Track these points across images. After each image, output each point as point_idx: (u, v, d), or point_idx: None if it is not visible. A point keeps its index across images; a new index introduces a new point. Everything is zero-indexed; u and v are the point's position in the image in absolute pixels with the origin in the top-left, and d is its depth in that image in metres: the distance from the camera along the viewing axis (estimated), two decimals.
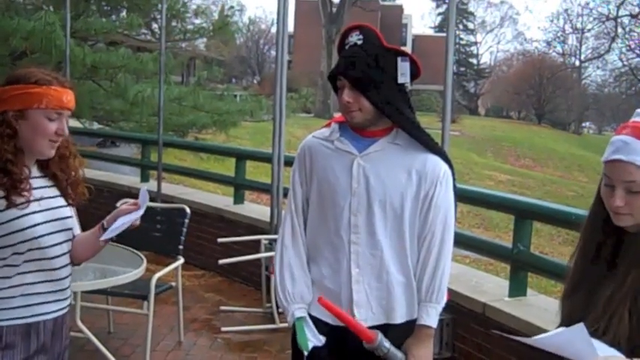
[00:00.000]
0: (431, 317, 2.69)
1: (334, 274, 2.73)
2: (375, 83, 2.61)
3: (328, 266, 2.75)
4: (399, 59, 2.65)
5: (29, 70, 2.46)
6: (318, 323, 2.74)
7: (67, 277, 2.60)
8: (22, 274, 2.44)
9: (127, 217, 2.60)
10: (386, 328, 2.69)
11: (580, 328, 1.66)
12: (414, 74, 2.68)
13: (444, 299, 2.73)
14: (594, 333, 1.75)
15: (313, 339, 2.69)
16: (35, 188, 2.47)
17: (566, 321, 1.82)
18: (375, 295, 2.71)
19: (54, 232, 2.51)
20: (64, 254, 2.57)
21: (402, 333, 2.71)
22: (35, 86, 2.40)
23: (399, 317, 2.73)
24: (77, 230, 2.72)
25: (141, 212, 2.61)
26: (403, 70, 2.65)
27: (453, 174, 2.75)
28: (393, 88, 2.65)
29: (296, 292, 2.75)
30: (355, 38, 2.67)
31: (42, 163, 2.55)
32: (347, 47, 2.69)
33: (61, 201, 2.58)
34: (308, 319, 2.73)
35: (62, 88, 2.46)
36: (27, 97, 2.40)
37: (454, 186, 2.75)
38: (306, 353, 2.67)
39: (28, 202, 2.42)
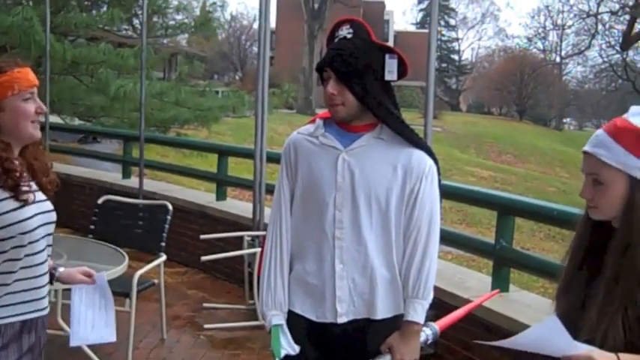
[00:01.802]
0: (418, 313, 2.69)
1: (318, 269, 2.72)
2: (361, 77, 2.61)
3: (312, 262, 2.74)
4: (386, 56, 2.65)
5: None
6: (300, 320, 2.76)
7: (47, 272, 2.56)
8: (24, 268, 2.42)
9: (89, 318, 2.55)
10: (367, 323, 2.72)
11: (553, 320, 1.69)
12: (402, 72, 2.67)
13: (431, 295, 2.73)
14: (591, 342, 1.76)
15: (287, 347, 2.71)
16: None
17: (561, 319, 1.83)
18: (358, 290, 2.70)
19: (41, 225, 2.47)
20: (47, 247, 2.54)
21: (382, 329, 2.72)
22: (1, 75, 2.40)
23: (380, 313, 2.72)
24: None
25: (111, 338, 2.58)
26: (390, 67, 2.64)
27: (438, 169, 2.75)
28: (378, 84, 2.64)
29: (275, 299, 2.75)
30: (345, 32, 2.66)
31: (20, 154, 2.51)
32: (336, 40, 2.68)
33: (42, 195, 2.53)
34: (285, 327, 2.74)
35: (22, 67, 2.46)
36: None
37: (439, 181, 2.75)
38: None
39: (31, 192, 2.43)
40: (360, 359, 2.72)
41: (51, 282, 2.59)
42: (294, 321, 2.76)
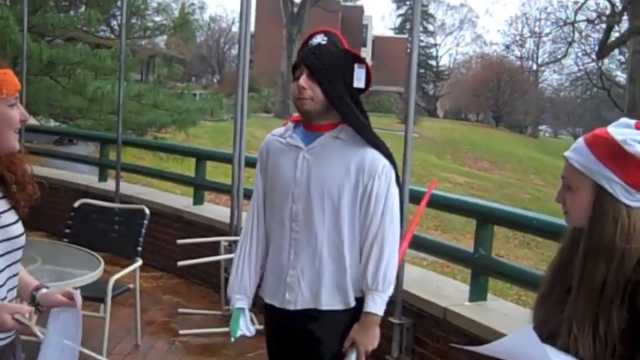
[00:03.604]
0: (377, 305, 2.86)
1: (277, 258, 2.96)
2: (331, 78, 2.79)
3: (274, 252, 2.98)
4: (356, 65, 2.84)
5: None
6: (268, 306, 3.03)
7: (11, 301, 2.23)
8: None
9: (66, 324, 2.26)
10: (316, 313, 2.91)
11: (528, 331, 1.69)
12: (367, 82, 2.87)
13: (391, 288, 2.90)
14: (566, 352, 1.77)
15: (244, 329, 2.97)
16: None
17: (537, 331, 1.83)
18: (306, 280, 2.90)
19: (2, 255, 2.17)
20: (10, 278, 2.22)
21: (331, 320, 2.91)
22: None
23: (327, 304, 2.90)
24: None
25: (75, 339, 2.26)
26: (359, 75, 2.84)
27: (396, 169, 2.91)
28: (345, 88, 2.82)
29: (241, 284, 3.00)
30: (319, 39, 2.86)
31: None
32: (310, 46, 2.87)
33: (12, 216, 2.23)
34: (246, 311, 2.99)
35: (6, 69, 2.17)
36: None
37: (397, 180, 2.92)
38: (232, 340, 3.01)
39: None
40: (312, 346, 2.94)
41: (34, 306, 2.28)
42: (265, 307, 3.05)
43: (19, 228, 2.24)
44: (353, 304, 2.90)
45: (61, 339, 2.25)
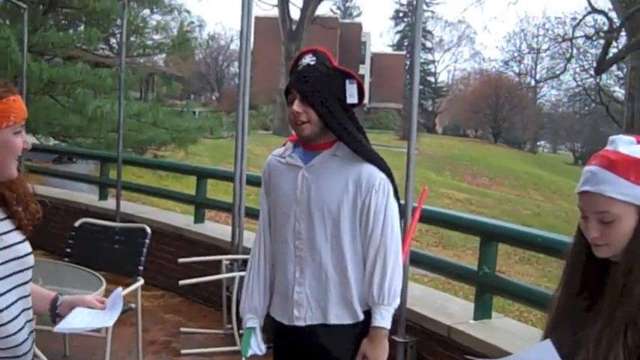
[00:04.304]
0: (384, 319, 2.90)
1: (283, 277, 3.00)
2: (323, 99, 2.82)
3: (281, 270, 3.02)
4: (347, 81, 2.87)
5: None
6: (276, 324, 3.06)
7: (21, 329, 2.15)
8: None
9: (88, 315, 2.25)
10: (324, 328, 2.95)
11: (547, 345, 1.66)
12: (360, 96, 2.90)
13: (397, 301, 2.94)
14: None
15: (255, 348, 3.02)
16: None
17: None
18: (314, 296, 2.94)
19: (10, 275, 2.11)
20: (20, 299, 2.16)
21: (340, 334, 2.94)
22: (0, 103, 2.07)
23: (335, 318, 2.94)
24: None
25: (109, 323, 2.28)
26: (351, 91, 2.87)
27: (393, 182, 2.92)
28: (338, 105, 2.86)
29: (251, 304, 3.06)
30: (308, 59, 2.89)
31: None
32: (300, 67, 2.90)
33: (18, 236, 2.18)
34: (258, 330, 3.05)
35: (16, 95, 2.12)
36: None
37: (396, 193, 2.94)
38: (243, 359, 3.10)
39: None
40: None
41: (54, 320, 2.28)
42: (273, 325, 3.08)
43: (26, 247, 2.18)
44: (361, 317, 2.94)
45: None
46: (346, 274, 2.91)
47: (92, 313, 2.29)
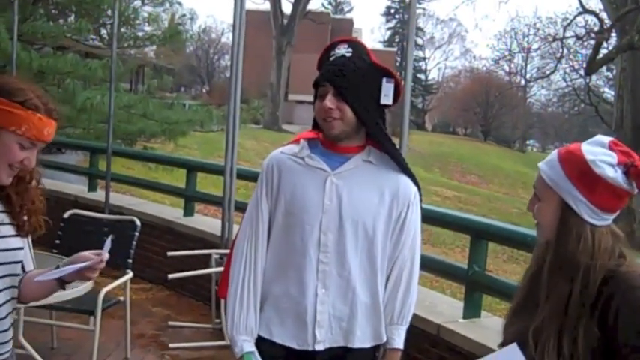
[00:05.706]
0: (402, 339, 2.69)
1: (299, 294, 2.61)
2: (361, 96, 2.54)
3: (294, 286, 2.62)
4: (384, 79, 2.59)
5: (20, 87, 2.13)
6: (279, 349, 2.65)
7: (6, 316, 2.23)
8: None
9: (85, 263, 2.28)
10: (344, 352, 2.65)
11: (513, 348, 1.73)
12: (396, 97, 2.61)
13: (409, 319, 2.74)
14: None
15: None
16: None
17: (508, 343, 1.87)
18: (337, 316, 2.62)
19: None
20: (7, 288, 2.22)
21: (355, 359, 2.66)
22: (20, 107, 2.09)
23: (358, 341, 2.65)
24: (30, 265, 2.38)
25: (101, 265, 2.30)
26: (387, 91, 2.58)
27: (421, 196, 2.71)
28: (373, 105, 2.58)
29: (247, 324, 2.64)
30: (343, 50, 2.60)
31: None
32: (333, 58, 2.60)
33: (10, 229, 2.23)
34: (256, 354, 2.61)
35: (48, 118, 2.14)
36: (7, 115, 2.08)
37: (420, 208, 2.71)
38: None
39: None
40: None
41: (63, 287, 2.34)
42: (272, 350, 2.65)
43: (17, 242, 2.24)
44: (384, 339, 2.69)
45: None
46: (377, 292, 2.64)
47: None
